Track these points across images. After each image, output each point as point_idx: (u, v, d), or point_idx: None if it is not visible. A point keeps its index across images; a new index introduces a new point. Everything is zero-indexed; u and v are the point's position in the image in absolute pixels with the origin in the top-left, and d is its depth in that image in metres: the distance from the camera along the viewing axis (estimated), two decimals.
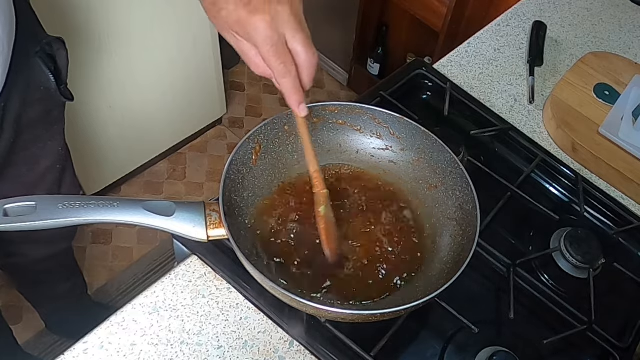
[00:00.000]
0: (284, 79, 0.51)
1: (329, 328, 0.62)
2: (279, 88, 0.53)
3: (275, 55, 0.49)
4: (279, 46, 0.49)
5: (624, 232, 0.81)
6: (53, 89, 0.76)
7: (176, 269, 0.65)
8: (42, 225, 0.49)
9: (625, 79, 0.96)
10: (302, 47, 0.50)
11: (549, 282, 0.74)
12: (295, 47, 0.50)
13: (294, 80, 0.51)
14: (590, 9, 1.11)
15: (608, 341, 0.69)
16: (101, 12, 1.30)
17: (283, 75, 0.51)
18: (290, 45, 0.50)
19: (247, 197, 0.62)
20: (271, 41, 0.48)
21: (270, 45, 0.49)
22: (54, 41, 0.75)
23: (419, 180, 0.67)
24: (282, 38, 0.49)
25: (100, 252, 1.62)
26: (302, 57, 0.51)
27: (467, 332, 0.64)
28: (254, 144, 0.63)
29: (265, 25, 0.48)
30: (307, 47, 0.50)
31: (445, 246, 0.63)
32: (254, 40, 0.49)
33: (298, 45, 0.50)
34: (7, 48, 0.65)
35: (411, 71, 0.89)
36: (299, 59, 0.51)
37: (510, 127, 0.87)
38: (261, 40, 0.48)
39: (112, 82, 1.46)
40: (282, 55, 0.50)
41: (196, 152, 1.89)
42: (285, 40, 0.50)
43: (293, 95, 0.53)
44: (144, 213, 0.52)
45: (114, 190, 1.73)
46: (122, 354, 0.58)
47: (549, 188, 0.85)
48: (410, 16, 1.75)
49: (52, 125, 0.84)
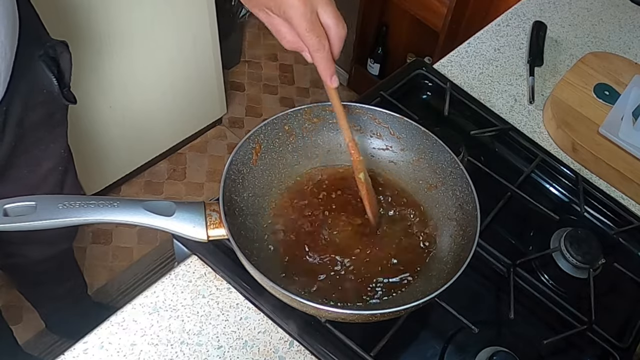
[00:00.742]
0: (318, 53, 0.53)
1: (329, 328, 0.62)
2: (310, 61, 0.55)
3: (311, 31, 0.51)
4: (313, 21, 0.51)
5: (624, 232, 0.81)
6: (56, 92, 0.76)
7: (176, 269, 0.65)
8: (42, 225, 0.49)
9: (625, 79, 0.96)
10: (334, 20, 0.52)
11: (549, 282, 0.74)
12: (326, 21, 0.52)
13: (327, 54, 0.54)
14: (590, 9, 1.11)
15: (608, 341, 0.69)
16: (101, 13, 1.30)
17: (317, 49, 0.53)
18: (322, 19, 0.52)
19: (247, 197, 0.62)
20: (306, 17, 0.50)
21: (306, 22, 0.51)
22: (57, 44, 0.75)
23: (419, 180, 0.67)
24: (315, 13, 0.51)
25: (100, 252, 1.62)
26: (334, 30, 0.53)
27: (467, 332, 0.64)
28: (254, 144, 0.63)
29: (300, 2, 0.50)
30: (338, 20, 0.53)
31: (445, 246, 0.63)
32: (288, 16, 0.51)
33: (329, 19, 0.52)
34: (9, 53, 0.65)
35: (411, 71, 0.89)
36: (331, 32, 0.53)
37: (510, 127, 0.87)
38: (297, 17, 0.50)
39: (112, 82, 1.46)
40: (317, 30, 0.52)
41: (196, 152, 1.89)
42: (317, 15, 0.51)
43: (327, 68, 0.55)
44: (144, 213, 0.52)
45: (114, 190, 1.73)
46: (122, 354, 0.58)
47: (549, 188, 0.85)
48: (410, 16, 1.75)
49: (55, 127, 0.84)
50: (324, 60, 0.54)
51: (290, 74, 2.17)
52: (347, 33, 0.54)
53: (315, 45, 0.52)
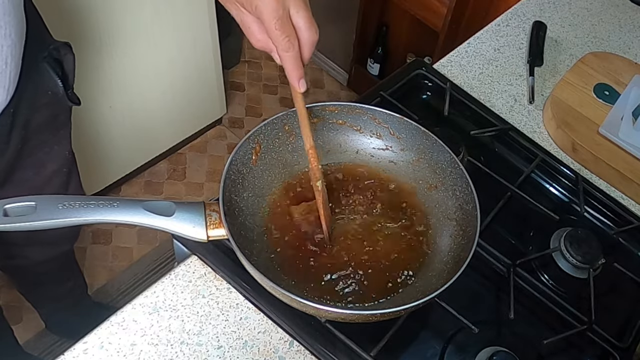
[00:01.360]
0: (287, 53, 0.52)
1: (329, 328, 0.62)
2: (279, 62, 0.53)
3: (280, 29, 0.50)
4: (284, 20, 0.50)
5: (624, 232, 0.81)
6: (60, 93, 0.76)
7: (176, 269, 0.65)
8: (42, 225, 0.49)
9: (625, 79, 0.96)
10: (305, 23, 0.51)
11: (549, 282, 0.74)
12: (298, 23, 0.51)
13: (296, 55, 0.52)
14: (590, 9, 1.11)
15: (608, 341, 0.69)
16: (102, 14, 1.30)
17: (286, 49, 0.51)
18: (294, 20, 0.51)
19: (247, 197, 0.62)
20: (277, 14, 0.49)
21: (276, 19, 0.50)
22: (61, 46, 0.75)
23: (419, 180, 0.67)
24: (286, 12, 0.50)
25: (100, 252, 1.62)
26: (305, 34, 0.52)
27: (467, 332, 0.64)
28: (254, 144, 0.63)
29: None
30: (310, 24, 0.51)
31: (445, 246, 0.63)
32: (259, 13, 0.50)
33: (301, 21, 0.51)
34: (19, 51, 0.65)
35: (411, 71, 0.89)
36: (302, 34, 0.52)
37: (510, 127, 0.87)
38: (267, 12, 0.49)
39: (112, 82, 1.46)
40: (286, 29, 0.50)
41: (196, 152, 1.89)
42: (290, 15, 0.50)
43: (294, 70, 0.53)
44: (144, 213, 0.52)
45: (114, 190, 1.73)
46: (122, 354, 0.59)
47: (549, 188, 0.85)
48: (410, 16, 1.75)
49: (59, 129, 0.84)
50: (291, 61, 0.52)
51: None
52: (318, 39, 0.53)
53: (284, 44, 0.51)
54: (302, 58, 0.53)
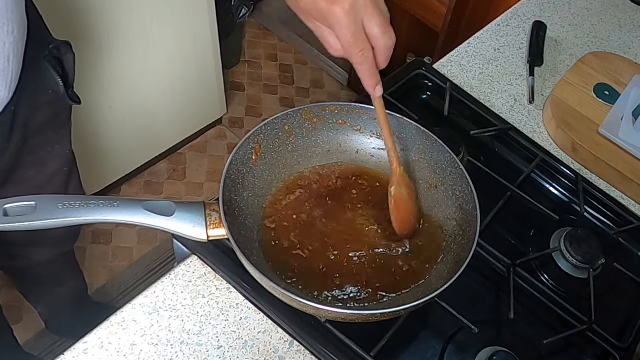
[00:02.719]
0: (361, 66, 0.53)
1: (329, 328, 0.62)
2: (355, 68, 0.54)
3: (354, 44, 0.51)
4: (357, 34, 0.50)
5: (624, 232, 0.81)
6: (61, 92, 0.76)
7: (176, 269, 0.65)
8: (42, 225, 0.49)
9: (625, 79, 0.96)
10: (380, 30, 0.51)
11: (549, 282, 0.74)
12: (372, 32, 0.51)
13: (371, 66, 0.53)
14: (590, 9, 1.11)
15: (608, 341, 0.69)
16: (101, 13, 1.30)
17: (361, 62, 0.52)
18: (368, 29, 0.51)
19: (247, 197, 0.62)
20: (349, 30, 0.50)
21: (350, 36, 0.50)
22: (61, 45, 0.75)
23: (419, 180, 0.67)
24: (360, 24, 0.50)
25: (100, 252, 1.62)
26: (380, 42, 0.52)
27: (467, 332, 0.64)
28: (254, 144, 0.63)
29: (344, 15, 0.49)
30: (384, 31, 0.51)
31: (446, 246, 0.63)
32: (334, 29, 0.51)
33: (376, 29, 0.51)
34: (21, 50, 0.65)
35: (411, 71, 0.89)
36: (377, 42, 0.52)
37: (510, 127, 0.87)
38: (340, 29, 0.50)
39: (112, 82, 1.46)
40: (360, 43, 0.51)
41: (196, 152, 1.89)
42: (364, 25, 0.51)
43: (370, 79, 0.54)
44: (144, 213, 0.52)
45: (114, 190, 1.73)
46: (122, 354, 0.59)
47: (549, 188, 0.85)
48: (410, 16, 1.75)
49: (60, 128, 0.84)
50: (366, 72, 0.53)
51: (290, 74, 2.17)
52: (395, 42, 0.53)
53: (358, 58, 0.52)
54: (377, 64, 0.54)
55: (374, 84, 0.55)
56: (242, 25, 2.13)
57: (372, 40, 0.52)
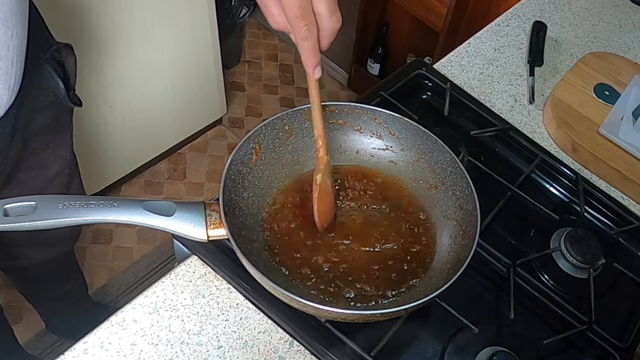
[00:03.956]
0: (304, 42, 0.50)
1: (329, 328, 0.62)
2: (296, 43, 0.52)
3: (301, 17, 0.49)
4: (305, 8, 0.48)
5: (624, 232, 0.81)
6: (62, 95, 0.76)
7: (176, 269, 0.65)
8: (42, 225, 0.49)
9: (625, 79, 0.96)
10: (327, 10, 0.49)
11: (549, 282, 0.74)
12: (320, 10, 0.49)
13: (314, 43, 0.51)
14: (590, 9, 1.11)
15: (608, 341, 0.69)
16: (102, 14, 1.30)
17: (304, 38, 0.50)
18: (316, 7, 0.49)
19: (247, 197, 0.62)
20: (299, 2, 0.48)
21: (297, 6, 0.48)
22: (62, 47, 0.75)
23: (419, 180, 0.67)
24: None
25: (100, 252, 1.62)
26: (326, 22, 0.50)
27: (467, 332, 0.64)
28: (254, 144, 0.63)
29: None
30: (332, 12, 0.49)
31: (445, 246, 0.63)
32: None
33: (323, 8, 0.49)
34: (23, 53, 0.66)
35: (411, 71, 0.89)
36: (322, 22, 0.50)
37: (510, 127, 0.87)
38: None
39: (112, 82, 1.46)
40: (307, 18, 0.49)
41: (196, 152, 1.89)
42: (312, 2, 0.49)
43: (310, 58, 0.52)
44: (144, 213, 0.52)
45: (114, 190, 1.73)
46: (122, 354, 0.59)
47: (549, 188, 0.85)
48: (410, 16, 1.75)
49: (61, 130, 0.84)
50: (308, 49, 0.51)
51: (290, 74, 2.17)
52: (340, 27, 0.51)
53: (302, 33, 0.50)
54: (320, 45, 0.52)
55: (314, 63, 0.53)
56: (242, 25, 2.13)
57: (318, 19, 0.50)
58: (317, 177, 0.60)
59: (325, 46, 0.52)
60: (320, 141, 0.59)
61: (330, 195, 0.62)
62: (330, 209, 0.63)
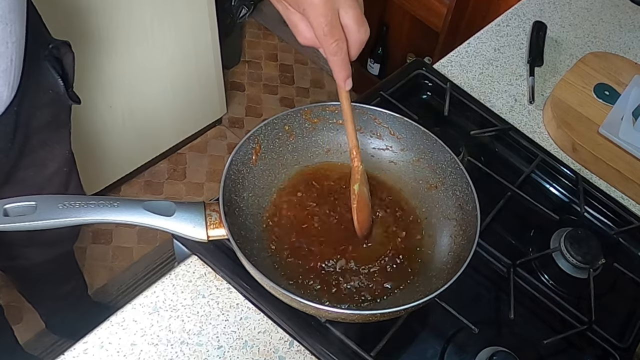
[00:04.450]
0: (334, 57, 0.51)
1: (329, 328, 0.62)
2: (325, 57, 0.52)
3: (329, 34, 0.49)
4: (333, 24, 0.49)
5: (624, 232, 0.81)
6: (61, 92, 0.76)
7: (176, 269, 0.65)
8: (42, 225, 0.49)
9: (625, 79, 0.96)
10: (355, 23, 0.50)
11: (549, 282, 0.74)
12: (347, 23, 0.50)
13: (344, 57, 0.51)
14: (590, 9, 1.11)
15: (608, 341, 0.69)
16: (102, 13, 1.30)
17: (334, 53, 0.50)
18: (343, 20, 0.49)
19: (247, 197, 0.62)
20: (326, 19, 0.48)
21: (325, 24, 0.48)
22: (61, 45, 0.75)
23: (419, 180, 0.67)
24: (335, 14, 0.49)
25: (100, 252, 1.62)
26: (354, 35, 0.50)
27: (467, 332, 0.64)
28: (254, 144, 0.63)
29: (321, 2, 0.47)
30: (359, 24, 0.50)
31: (445, 246, 0.63)
32: (308, 15, 0.49)
33: (351, 21, 0.49)
34: (22, 50, 0.66)
35: (411, 71, 0.89)
36: (351, 35, 0.50)
37: (510, 127, 0.87)
38: (315, 16, 0.48)
39: (112, 82, 1.46)
40: (335, 33, 0.49)
41: (196, 152, 1.89)
42: (339, 15, 0.49)
43: (341, 71, 0.53)
44: (144, 213, 0.52)
45: (114, 190, 1.73)
46: (122, 354, 0.59)
47: (549, 188, 0.85)
48: (410, 16, 1.75)
49: (60, 128, 0.84)
50: (338, 64, 0.52)
51: (290, 74, 2.17)
52: (368, 37, 0.51)
53: (332, 49, 0.50)
54: (349, 56, 0.52)
55: (345, 76, 0.53)
56: (242, 25, 2.13)
57: (347, 33, 0.50)
58: (354, 187, 0.60)
59: (353, 56, 0.53)
60: (355, 151, 0.59)
61: (367, 203, 0.62)
62: (369, 216, 0.63)
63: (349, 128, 0.58)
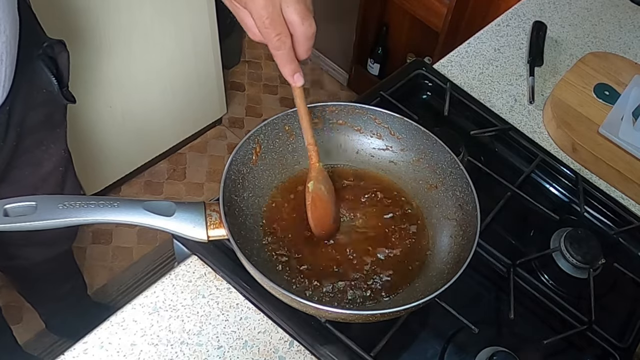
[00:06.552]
0: (277, 51, 0.50)
1: (329, 328, 0.62)
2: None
3: (270, 26, 0.48)
4: (274, 17, 0.48)
5: (624, 232, 0.81)
6: (55, 91, 0.76)
7: (176, 269, 0.65)
8: (42, 225, 0.49)
9: (625, 79, 0.96)
10: (298, 17, 0.49)
11: (549, 282, 0.74)
12: (291, 17, 0.49)
13: (289, 52, 0.50)
14: (590, 9, 1.11)
15: (608, 341, 0.69)
16: (101, 13, 1.30)
17: (277, 47, 0.50)
18: (286, 15, 0.49)
19: (248, 197, 0.62)
20: (266, 12, 0.47)
21: (265, 17, 0.48)
22: (55, 44, 0.75)
23: (419, 180, 0.67)
24: (277, 7, 0.48)
25: (100, 252, 1.62)
26: (298, 30, 0.49)
27: (467, 332, 0.64)
28: (254, 144, 0.63)
29: None
30: (304, 18, 0.49)
31: (445, 246, 0.63)
32: (250, 10, 0.48)
33: (294, 15, 0.49)
34: (14, 49, 0.65)
35: (411, 71, 0.89)
36: (295, 29, 0.49)
37: (510, 127, 0.87)
38: (256, 10, 0.48)
39: (112, 82, 1.46)
40: (277, 27, 0.48)
41: (196, 152, 1.89)
42: (282, 10, 0.48)
43: (286, 65, 0.52)
44: (144, 213, 0.52)
45: (114, 190, 1.73)
46: (122, 354, 0.59)
47: (549, 188, 0.85)
48: (410, 16, 1.75)
49: (55, 128, 0.84)
50: (283, 59, 0.51)
51: None
52: (315, 31, 0.50)
53: (274, 43, 0.49)
54: (296, 53, 0.51)
55: (291, 71, 0.52)
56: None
57: (291, 28, 0.49)
58: (309, 185, 0.60)
59: (302, 53, 0.51)
60: (311, 149, 0.59)
61: (326, 202, 0.61)
62: (327, 215, 0.62)
63: (304, 125, 0.58)
